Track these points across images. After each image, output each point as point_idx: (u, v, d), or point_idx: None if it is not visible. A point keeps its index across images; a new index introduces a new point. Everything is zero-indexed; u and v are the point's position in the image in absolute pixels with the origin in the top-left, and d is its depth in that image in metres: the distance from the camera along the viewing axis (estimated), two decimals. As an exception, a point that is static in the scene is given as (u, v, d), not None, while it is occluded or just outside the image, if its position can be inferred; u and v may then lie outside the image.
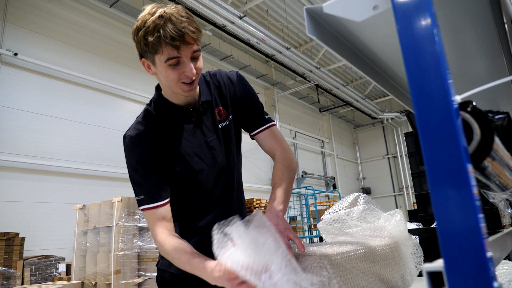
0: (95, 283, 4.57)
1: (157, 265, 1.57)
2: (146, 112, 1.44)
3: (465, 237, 0.38)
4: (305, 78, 12.68)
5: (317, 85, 13.79)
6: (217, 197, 1.46)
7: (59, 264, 6.10)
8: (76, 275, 4.90)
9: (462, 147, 0.40)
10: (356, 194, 1.31)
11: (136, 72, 8.71)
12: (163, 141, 1.38)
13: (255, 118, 1.51)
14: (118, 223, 4.48)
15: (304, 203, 11.80)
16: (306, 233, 11.91)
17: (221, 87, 1.50)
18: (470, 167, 0.41)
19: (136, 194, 1.38)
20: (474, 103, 0.52)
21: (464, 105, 0.49)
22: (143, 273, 4.57)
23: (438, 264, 0.40)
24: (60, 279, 5.51)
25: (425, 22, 0.44)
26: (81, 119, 7.52)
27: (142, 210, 1.38)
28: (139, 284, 4.47)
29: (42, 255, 6.08)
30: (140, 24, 1.20)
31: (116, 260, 4.34)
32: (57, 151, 7.03)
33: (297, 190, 12.90)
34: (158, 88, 1.47)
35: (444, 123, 0.41)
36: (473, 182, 0.38)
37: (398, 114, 16.84)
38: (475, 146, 0.47)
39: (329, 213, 1.24)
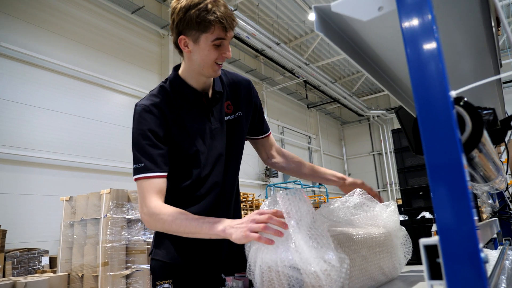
0: (82, 275, 4.56)
1: (150, 254, 1.59)
2: (161, 87, 1.49)
3: (457, 213, 0.44)
4: (294, 74, 12.74)
5: (305, 81, 13.88)
6: (212, 183, 1.50)
7: (42, 257, 6.05)
8: (62, 267, 4.88)
9: (457, 137, 0.45)
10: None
11: (124, 64, 8.63)
12: (175, 117, 1.44)
13: (262, 124, 1.70)
14: (106, 215, 4.48)
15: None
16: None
17: (236, 86, 1.61)
18: (463, 155, 0.46)
19: (136, 162, 1.37)
20: (465, 99, 0.57)
21: (457, 100, 0.54)
22: (131, 265, 4.58)
23: (434, 239, 0.46)
24: (43, 272, 5.47)
25: (427, 24, 0.49)
26: (67, 110, 7.42)
27: (139, 179, 1.36)
28: (127, 276, 4.48)
29: (25, 248, 6.00)
30: (189, 3, 1.28)
31: (104, 252, 4.34)
32: (42, 142, 6.94)
33: (284, 184, 13.01)
34: (176, 68, 1.52)
35: (442, 114, 0.46)
36: (465, 163, 0.44)
37: (384, 112, 17.06)
38: (467, 136, 0.53)
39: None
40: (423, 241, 0.47)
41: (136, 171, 1.37)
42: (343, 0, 0.59)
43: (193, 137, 1.45)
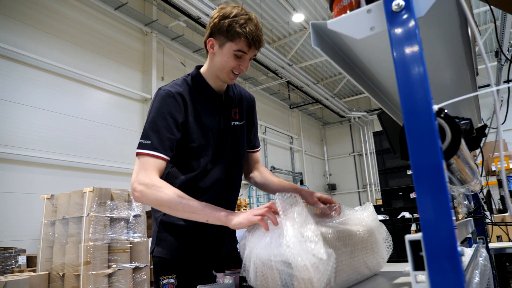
0: (63, 274, 4.52)
1: (151, 252, 1.63)
2: (184, 80, 1.61)
3: (438, 213, 0.50)
4: (277, 75, 12.83)
5: (288, 82, 14.00)
6: (215, 178, 1.59)
7: (19, 257, 5.93)
8: (42, 266, 4.81)
9: (438, 146, 0.52)
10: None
11: (106, 60, 8.52)
12: (192, 108, 1.54)
13: (255, 138, 1.84)
14: (89, 214, 4.45)
15: (272, 197, 11.99)
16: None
17: (242, 97, 1.76)
18: (443, 161, 0.53)
19: (145, 138, 1.42)
20: (446, 111, 0.64)
21: (439, 112, 0.61)
22: (114, 264, 4.57)
23: (417, 235, 0.52)
24: (21, 271, 5.38)
25: (414, 45, 0.55)
26: (48, 107, 7.28)
27: (142, 153, 1.39)
28: (110, 275, 4.47)
29: (1, 247, 5.88)
30: (227, 13, 1.44)
31: (86, 251, 4.32)
32: (22, 140, 6.79)
33: (266, 184, 13.03)
34: (198, 68, 1.65)
35: (425, 125, 0.52)
36: (445, 168, 0.50)
37: (365, 113, 17.35)
38: (447, 145, 0.60)
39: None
40: (408, 236, 0.53)
41: (141, 146, 1.41)
42: (339, 19, 0.65)
43: (206, 130, 1.56)
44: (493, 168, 8.11)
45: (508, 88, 1.87)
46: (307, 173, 17.04)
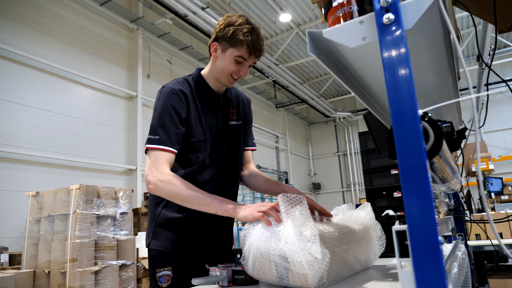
0: (49, 272, 4.49)
1: (147, 246, 1.68)
2: (185, 80, 1.69)
3: (422, 205, 0.56)
4: (263, 74, 12.90)
5: (274, 81, 14.08)
6: (212, 174, 1.66)
7: (1, 254, 5.86)
8: (27, 263, 4.77)
9: (422, 146, 0.58)
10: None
11: (92, 57, 8.42)
12: (193, 106, 1.63)
13: (250, 137, 1.92)
14: (75, 211, 4.43)
15: (259, 196, 12.06)
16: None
17: (239, 99, 1.86)
18: (427, 161, 0.59)
19: (153, 134, 1.51)
20: (429, 115, 0.70)
21: (423, 116, 0.67)
22: (101, 261, 4.56)
23: (403, 226, 0.58)
24: (3, 269, 5.31)
25: (402, 54, 0.61)
26: (32, 103, 7.17)
27: (152, 148, 1.49)
28: (96, 272, 4.46)
29: (-18, 245, 5.80)
30: (233, 21, 1.53)
31: (72, 248, 4.30)
32: (6, 136, 6.69)
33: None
34: (199, 69, 1.75)
35: (411, 128, 0.58)
36: (429, 167, 0.56)
37: (349, 114, 17.57)
38: (430, 146, 0.66)
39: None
40: (395, 227, 0.59)
41: (150, 141, 1.51)
42: (333, 29, 0.71)
43: (205, 127, 1.64)
44: (473, 169, 8.34)
45: (488, 95, 1.96)
46: (292, 172, 17.18)
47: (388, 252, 1.79)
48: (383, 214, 2.08)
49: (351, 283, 1.12)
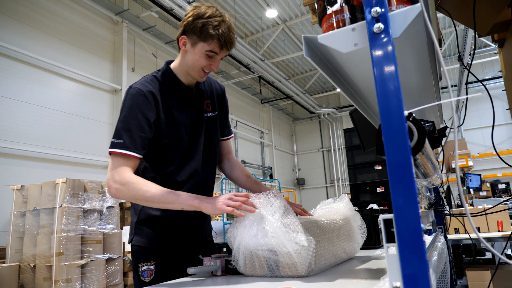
0: (34, 265, 4.47)
1: (130, 242, 1.68)
2: (154, 77, 1.61)
3: (406, 197, 0.63)
4: (249, 69, 12.93)
5: (260, 77, 14.12)
6: (191, 170, 1.64)
7: (-17, 249, 5.80)
8: (12, 257, 4.73)
9: (407, 144, 0.65)
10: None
11: (75, 49, 8.29)
12: (164, 105, 1.56)
13: (226, 126, 1.87)
14: (62, 205, 4.42)
15: (243, 191, 12.11)
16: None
17: (212, 88, 1.79)
18: (411, 157, 0.66)
19: (116, 137, 1.44)
20: (414, 115, 0.78)
21: (408, 116, 0.74)
22: (87, 255, 4.56)
23: (390, 215, 0.65)
24: (-16, 264, 5.27)
25: (389, 59, 0.68)
26: (15, 96, 7.04)
27: (114, 153, 1.42)
28: (83, 266, 4.46)
29: (-36, 239, 5.72)
30: (202, 13, 1.46)
31: (58, 242, 4.29)
32: (-13, 129, 6.58)
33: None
34: (168, 63, 1.66)
35: (398, 127, 0.65)
36: (413, 164, 0.63)
37: (334, 110, 17.76)
38: (414, 143, 0.73)
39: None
40: (383, 216, 0.66)
41: (113, 145, 1.44)
42: (327, 35, 0.77)
43: (178, 125, 1.58)
44: (453, 166, 8.57)
45: (466, 98, 2.06)
46: (276, 167, 17.30)
47: (372, 244, 1.89)
48: (367, 208, 2.16)
49: (338, 270, 1.19)
